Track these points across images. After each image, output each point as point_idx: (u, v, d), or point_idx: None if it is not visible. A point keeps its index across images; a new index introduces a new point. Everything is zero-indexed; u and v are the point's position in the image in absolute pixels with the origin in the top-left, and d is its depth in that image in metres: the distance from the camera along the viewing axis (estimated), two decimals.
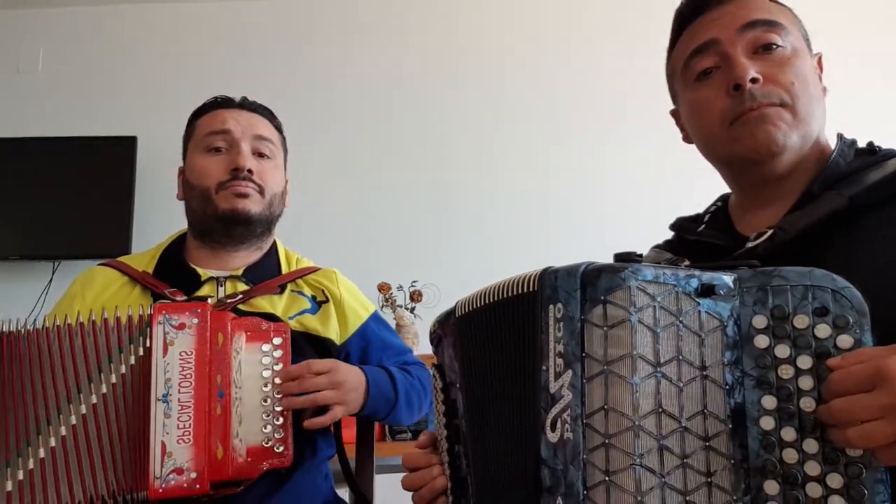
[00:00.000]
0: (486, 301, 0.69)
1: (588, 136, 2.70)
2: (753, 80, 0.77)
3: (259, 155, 1.20)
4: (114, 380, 0.96)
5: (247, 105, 1.24)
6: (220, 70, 2.70)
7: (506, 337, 0.66)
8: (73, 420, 0.94)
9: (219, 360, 0.99)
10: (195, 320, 0.99)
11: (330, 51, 2.74)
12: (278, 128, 1.28)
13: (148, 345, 0.97)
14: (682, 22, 0.86)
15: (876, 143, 0.81)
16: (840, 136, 0.82)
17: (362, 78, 2.72)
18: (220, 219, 1.15)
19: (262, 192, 1.18)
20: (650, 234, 1.05)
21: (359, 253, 2.53)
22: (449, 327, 0.76)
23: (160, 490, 0.91)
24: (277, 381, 1.02)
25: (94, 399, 0.95)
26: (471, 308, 0.72)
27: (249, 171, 1.16)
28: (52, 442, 0.93)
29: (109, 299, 1.12)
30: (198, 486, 0.93)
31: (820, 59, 0.86)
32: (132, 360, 0.97)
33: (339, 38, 2.76)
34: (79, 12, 2.76)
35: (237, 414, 0.99)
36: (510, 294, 0.66)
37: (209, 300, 1.09)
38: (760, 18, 0.79)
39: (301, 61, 2.73)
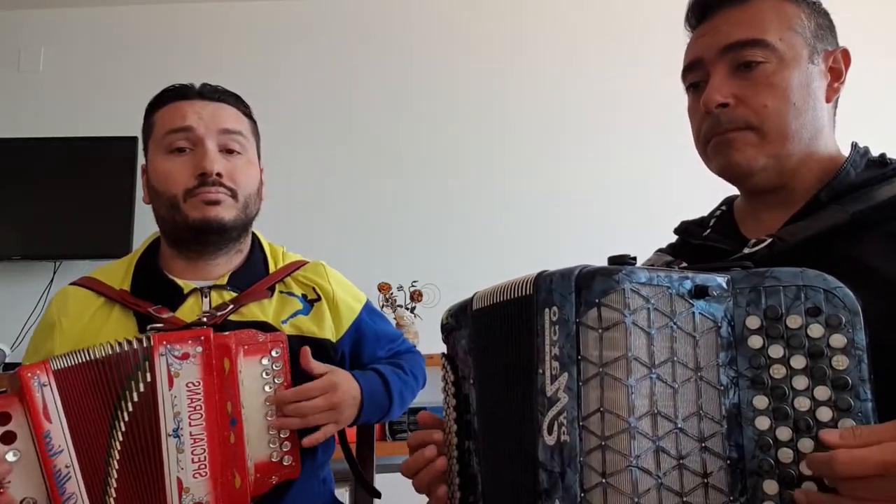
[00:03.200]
0: (494, 300, 0.69)
1: (588, 137, 2.71)
2: (724, 105, 0.78)
3: (228, 151, 1.08)
4: (126, 418, 0.91)
5: (208, 93, 1.10)
6: (220, 70, 2.68)
7: (508, 339, 0.66)
8: (116, 466, 0.91)
9: (227, 387, 0.95)
10: (199, 348, 0.94)
11: (331, 53, 2.75)
12: (247, 114, 1.15)
13: (149, 379, 0.92)
14: (690, 27, 0.88)
15: (888, 154, 0.81)
16: (854, 145, 0.82)
17: (361, 79, 2.73)
18: (191, 229, 1.06)
19: (234, 195, 1.07)
20: (650, 234, 1.05)
21: (359, 253, 2.54)
22: (465, 320, 0.76)
23: None
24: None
25: (120, 438, 0.91)
26: (484, 304, 0.72)
27: (219, 174, 1.05)
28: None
29: (88, 324, 1.05)
30: None
31: (843, 53, 0.82)
32: (135, 397, 0.91)
33: (343, 42, 2.77)
34: (80, 12, 2.77)
35: (246, 435, 0.96)
36: (508, 297, 0.67)
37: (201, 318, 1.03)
38: (741, 39, 0.78)
39: (302, 63, 2.73)
